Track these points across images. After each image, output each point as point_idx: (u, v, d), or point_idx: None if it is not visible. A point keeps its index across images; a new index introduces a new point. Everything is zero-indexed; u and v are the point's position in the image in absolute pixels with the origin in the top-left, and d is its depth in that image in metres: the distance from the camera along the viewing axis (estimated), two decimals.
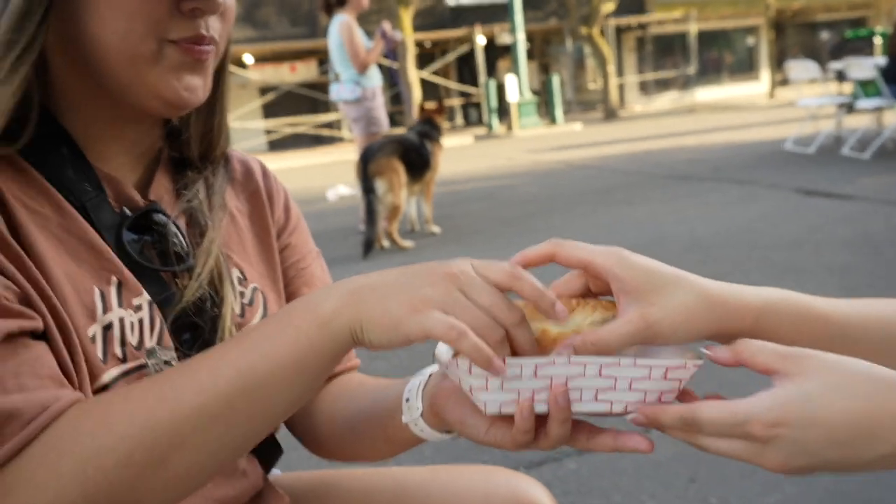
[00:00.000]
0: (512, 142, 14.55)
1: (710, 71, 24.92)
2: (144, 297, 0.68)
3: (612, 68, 18.51)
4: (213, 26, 0.68)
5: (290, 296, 0.84)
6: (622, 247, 0.60)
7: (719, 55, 25.37)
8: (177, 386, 0.55)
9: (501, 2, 18.57)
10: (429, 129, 5.68)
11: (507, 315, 0.57)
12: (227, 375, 0.56)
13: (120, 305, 0.66)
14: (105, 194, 0.69)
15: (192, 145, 0.78)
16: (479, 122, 20.47)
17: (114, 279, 0.66)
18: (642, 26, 22.89)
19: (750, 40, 25.63)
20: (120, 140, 0.72)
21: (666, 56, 23.90)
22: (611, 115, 18.49)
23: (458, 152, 12.60)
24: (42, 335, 0.58)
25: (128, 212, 0.70)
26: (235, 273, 0.77)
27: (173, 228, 0.72)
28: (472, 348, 0.54)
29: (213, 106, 0.77)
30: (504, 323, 0.56)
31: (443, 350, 0.61)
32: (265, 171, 0.88)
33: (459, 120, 21.50)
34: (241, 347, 0.58)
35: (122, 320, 0.66)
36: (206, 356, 0.58)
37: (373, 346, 0.56)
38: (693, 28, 22.10)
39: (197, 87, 0.68)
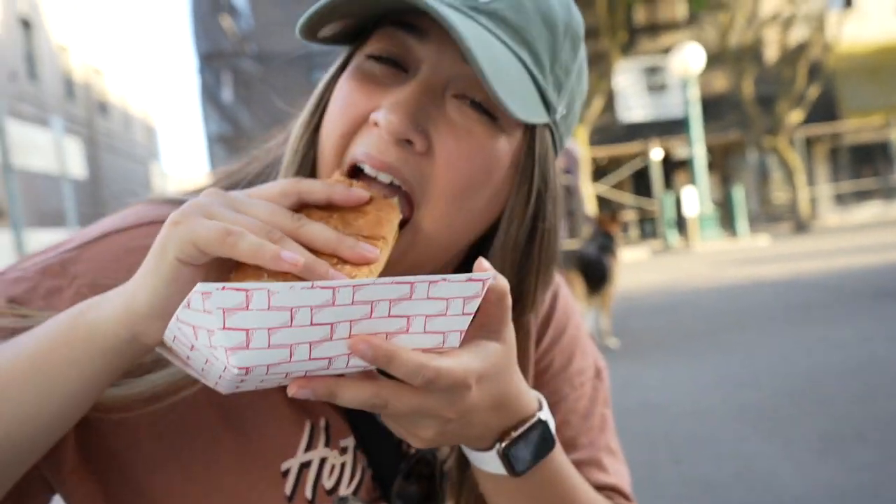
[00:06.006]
0: (691, 256, 14.02)
1: None
2: (351, 441, 0.66)
3: (801, 179, 17.54)
4: (403, 160, 0.57)
5: None
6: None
7: None
8: None
9: (677, 117, 18.51)
10: (605, 241, 5.74)
11: (287, 220, 0.49)
12: None
13: (327, 445, 0.64)
14: None
15: None
16: (655, 235, 20.02)
17: (322, 420, 0.65)
18: (835, 135, 21.60)
19: None
20: None
21: (864, 165, 22.19)
22: (801, 228, 17.34)
23: (634, 266, 12.34)
24: None
25: None
26: None
27: None
28: (251, 248, 0.45)
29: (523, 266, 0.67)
30: (285, 227, 0.48)
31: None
32: None
33: (635, 234, 21.18)
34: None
35: (323, 460, 0.64)
36: None
37: (149, 309, 0.47)
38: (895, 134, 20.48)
39: None
